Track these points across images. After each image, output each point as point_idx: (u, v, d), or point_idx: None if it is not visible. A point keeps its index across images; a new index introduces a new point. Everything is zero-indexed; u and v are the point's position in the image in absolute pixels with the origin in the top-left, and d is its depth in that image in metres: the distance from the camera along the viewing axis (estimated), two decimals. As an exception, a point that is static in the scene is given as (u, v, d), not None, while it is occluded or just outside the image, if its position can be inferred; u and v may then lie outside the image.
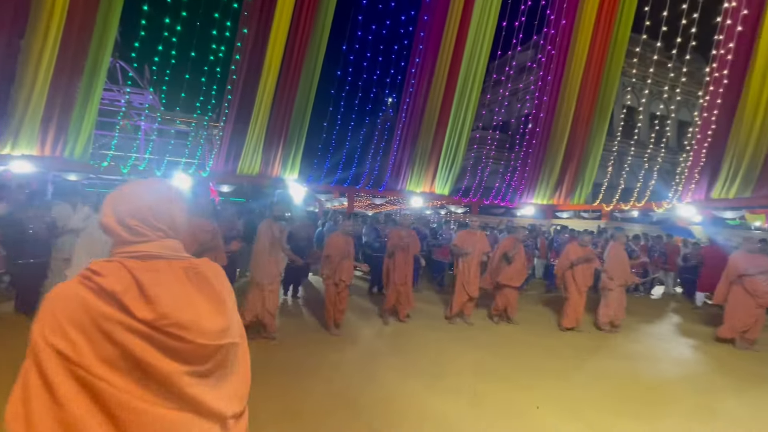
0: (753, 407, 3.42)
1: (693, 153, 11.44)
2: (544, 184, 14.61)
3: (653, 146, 19.09)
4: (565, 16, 12.86)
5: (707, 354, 4.88)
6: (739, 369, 4.35)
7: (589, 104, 13.08)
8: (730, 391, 3.73)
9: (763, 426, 3.09)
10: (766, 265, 5.11)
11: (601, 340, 5.20)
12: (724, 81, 10.17)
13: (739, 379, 4.03)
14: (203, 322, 0.90)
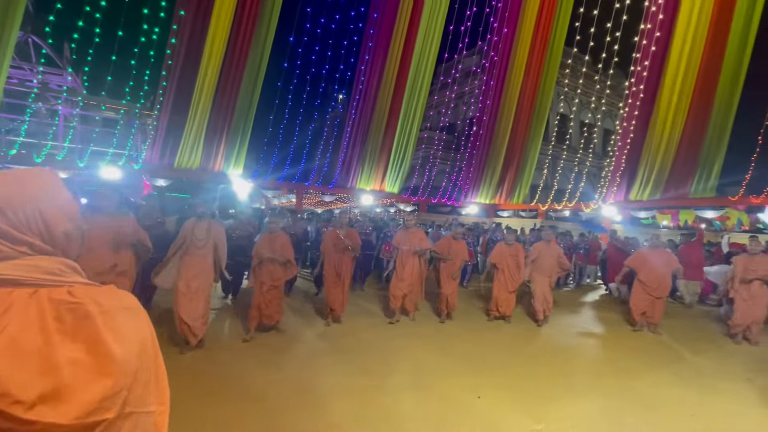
0: (658, 385, 3.87)
1: (615, 159, 12.69)
2: (487, 185, 15.36)
3: (582, 151, 20.89)
4: (507, 24, 13.57)
5: (622, 339, 5.43)
6: (650, 352, 4.90)
7: (527, 110, 13.96)
8: (642, 372, 4.19)
9: (667, 400, 3.51)
10: (667, 261, 5.83)
11: (533, 331, 5.57)
12: (640, 95, 11.38)
13: (648, 361, 4.54)
14: (63, 389, 0.59)
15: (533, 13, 13.01)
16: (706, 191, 10.75)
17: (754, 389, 3.81)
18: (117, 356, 0.64)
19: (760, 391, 3.76)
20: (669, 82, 10.62)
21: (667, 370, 4.25)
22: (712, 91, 10.08)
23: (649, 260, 5.88)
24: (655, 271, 5.75)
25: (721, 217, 12.13)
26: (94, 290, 0.68)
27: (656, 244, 6.17)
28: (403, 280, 5.47)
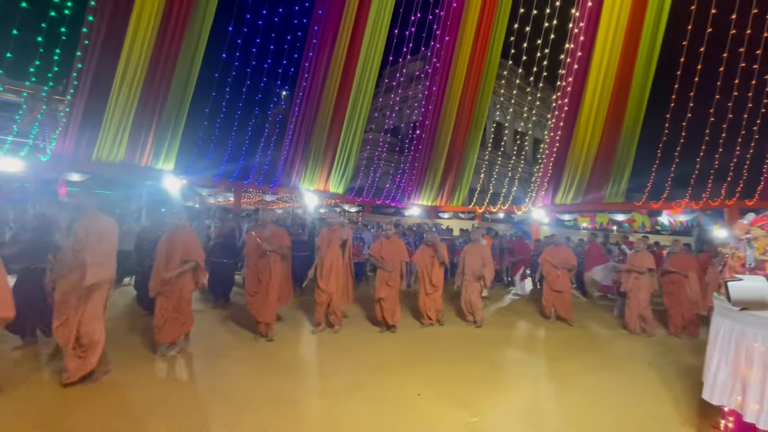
0: (577, 371, 4.28)
1: (543, 166, 13.81)
2: (429, 187, 15.86)
3: (515, 158, 22.43)
4: (448, 33, 14.14)
5: (544, 332, 5.92)
6: (568, 343, 5.40)
7: (466, 117, 14.67)
8: (563, 360, 4.59)
9: (585, 384, 3.88)
10: (565, 258, 6.42)
11: (465, 329, 5.78)
12: (565, 108, 12.50)
13: (568, 351, 5.00)
14: None
15: (473, 24, 13.69)
16: (617, 197, 12.14)
17: (654, 370, 4.37)
18: None
19: (658, 371, 4.32)
20: (588, 99, 11.80)
21: (584, 358, 4.71)
22: (622, 110, 11.40)
23: (549, 257, 6.49)
24: (553, 267, 6.38)
25: (629, 220, 13.70)
26: None
27: (556, 241, 6.72)
28: (321, 279, 4.93)
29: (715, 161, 10.44)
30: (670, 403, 3.53)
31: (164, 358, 3.92)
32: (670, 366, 4.53)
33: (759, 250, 2.67)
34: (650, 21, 10.78)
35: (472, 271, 5.81)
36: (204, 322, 5.20)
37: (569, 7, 11.76)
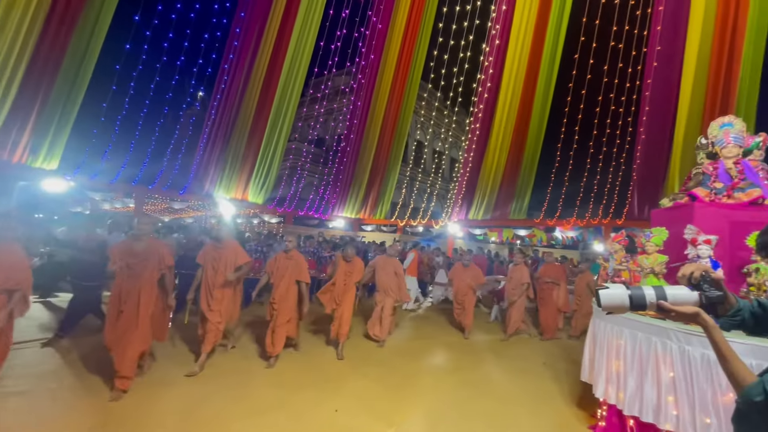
0: (486, 376, 4.62)
1: (458, 184, 14.87)
2: (353, 200, 15.97)
3: (434, 175, 23.78)
4: (373, 51, 14.61)
5: (455, 343, 6.31)
6: (477, 351, 5.81)
7: (389, 133, 15.19)
8: (473, 367, 4.93)
9: (493, 386, 4.21)
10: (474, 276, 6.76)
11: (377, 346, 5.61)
12: (477, 132, 13.70)
13: (478, 358, 5.38)
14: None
15: (396, 46, 14.34)
16: (520, 214, 13.55)
17: (548, 370, 4.91)
18: None
19: (552, 371, 4.87)
20: (496, 126, 13.10)
21: (492, 363, 5.11)
22: (524, 137, 12.86)
23: (456, 273, 6.92)
24: (458, 283, 6.80)
25: (530, 235, 15.36)
26: None
27: (464, 260, 6.97)
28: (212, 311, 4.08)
29: (595, 185, 12.36)
30: (563, 398, 4.00)
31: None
32: (560, 364, 5.14)
33: (617, 261, 3.22)
34: (545, 66, 12.43)
35: (384, 287, 5.60)
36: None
37: (481, 42, 13.05)
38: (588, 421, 3.46)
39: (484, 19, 12.78)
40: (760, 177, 2.80)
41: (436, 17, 14.07)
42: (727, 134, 2.99)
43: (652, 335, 2.77)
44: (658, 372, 2.69)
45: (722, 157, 3.03)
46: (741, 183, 2.87)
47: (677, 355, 2.60)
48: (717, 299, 1.25)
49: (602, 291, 1.35)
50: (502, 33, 12.63)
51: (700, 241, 2.84)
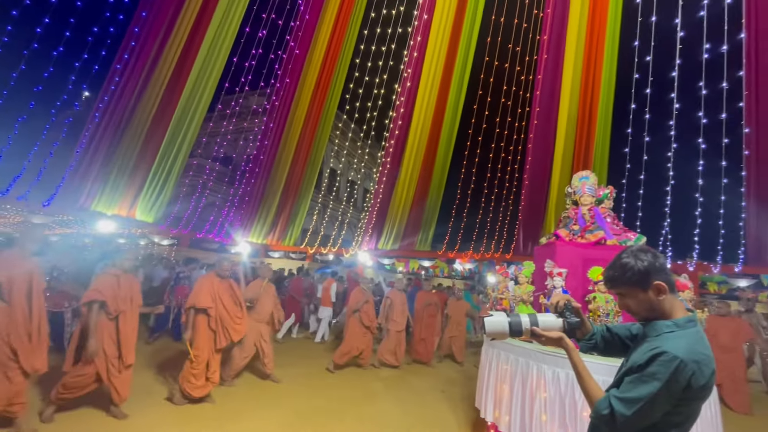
0: (396, 401, 4.59)
1: (369, 213, 15.22)
2: (260, 224, 15.14)
3: (346, 204, 24.03)
4: (290, 75, 14.48)
5: (342, 374, 6.22)
6: (386, 378, 5.79)
7: (303, 158, 14.98)
8: (382, 393, 4.87)
9: (401, 410, 4.18)
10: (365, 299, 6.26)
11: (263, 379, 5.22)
12: (388, 165, 14.35)
13: (388, 384, 5.35)
14: None
15: (314, 73, 14.45)
16: (425, 245, 14.33)
17: (445, 396, 5.09)
18: None
19: (448, 397, 5.05)
20: (406, 160, 13.90)
21: (390, 395, 5.11)
22: (430, 174, 13.84)
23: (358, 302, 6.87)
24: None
25: (433, 266, 16.27)
26: None
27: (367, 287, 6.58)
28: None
29: (488, 222, 13.79)
30: (458, 424, 4.14)
31: None
32: (455, 389, 5.38)
33: (499, 291, 3.60)
34: (449, 112, 13.77)
35: (259, 315, 5.15)
36: None
37: (394, 82, 13.97)
38: (478, 446, 3.63)
39: (397, 62, 13.79)
40: (606, 222, 3.43)
41: (353, 53, 14.71)
42: (584, 185, 3.65)
43: (530, 359, 3.07)
44: (533, 394, 2.97)
45: (580, 204, 3.65)
46: (591, 226, 3.48)
47: (549, 377, 2.92)
48: (576, 325, 1.44)
49: (486, 318, 1.46)
50: (413, 77, 13.72)
51: (554, 273, 3.34)
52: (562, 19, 11.98)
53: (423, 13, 13.41)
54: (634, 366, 1.19)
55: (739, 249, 10.08)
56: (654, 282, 1.24)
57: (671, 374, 1.10)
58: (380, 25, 13.53)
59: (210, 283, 4.11)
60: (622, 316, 3.09)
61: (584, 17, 11.54)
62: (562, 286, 3.32)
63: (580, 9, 11.56)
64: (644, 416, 1.14)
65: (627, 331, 1.45)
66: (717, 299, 15.96)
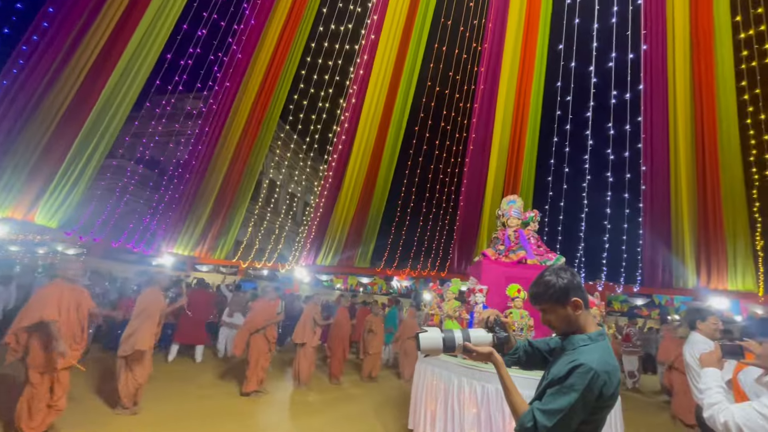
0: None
1: (309, 228, 14.88)
2: (188, 234, 14.00)
3: (285, 216, 23.27)
4: (230, 79, 13.85)
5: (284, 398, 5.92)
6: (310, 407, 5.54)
7: (240, 167, 14.25)
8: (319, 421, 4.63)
9: None
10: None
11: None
12: (330, 180, 14.24)
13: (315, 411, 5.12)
14: None
15: (257, 80, 13.99)
16: (365, 262, 14.31)
17: (378, 417, 4.98)
18: None
19: (381, 418, 4.95)
20: (348, 176, 13.92)
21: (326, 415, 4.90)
22: (371, 193, 13.99)
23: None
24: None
25: (372, 283, 16.25)
26: None
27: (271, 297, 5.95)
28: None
29: (425, 242, 14.23)
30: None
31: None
32: (388, 410, 5.30)
33: (431, 308, 3.71)
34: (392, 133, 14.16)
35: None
36: None
37: (339, 97, 14.06)
38: (409, 465, 3.59)
39: (343, 78, 13.93)
40: (530, 243, 3.71)
41: (299, 64, 14.57)
42: (511, 209, 3.92)
43: (461, 376, 3.14)
44: (464, 409, 3.03)
45: (508, 227, 3.91)
46: (515, 246, 3.75)
47: (479, 392, 3.00)
48: (505, 339, 1.49)
49: (421, 335, 1.45)
50: (358, 94, 13.93)
51: (476, 290, 3.56)
52: (498, 56, 13.08)
53: (370, 33, 13.79)
54: (554, 379, 1.26)
55: (637, 272, 11.50)
56: (572, 299, 1.33)
57: (587, 385, 1.17)
58: (328, 39, 13.63)
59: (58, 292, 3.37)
60: (535, 331, 3.31)
61: (516, 56, 12.72)
62: (483, 302, 3.50)
63: (513, 47, 12.73)
64: (564, 426, 1.19)
65: (546, 345, 1.53)
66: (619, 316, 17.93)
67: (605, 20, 11.59)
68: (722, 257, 10.51)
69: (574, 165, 12.26)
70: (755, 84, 10.99)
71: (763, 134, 11.12)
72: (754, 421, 1.46)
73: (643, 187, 11.42)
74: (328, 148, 14.53)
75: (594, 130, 11.74)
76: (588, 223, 12.07)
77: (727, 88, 10.89)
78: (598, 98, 11.61)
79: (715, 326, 2.90)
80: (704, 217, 10.73)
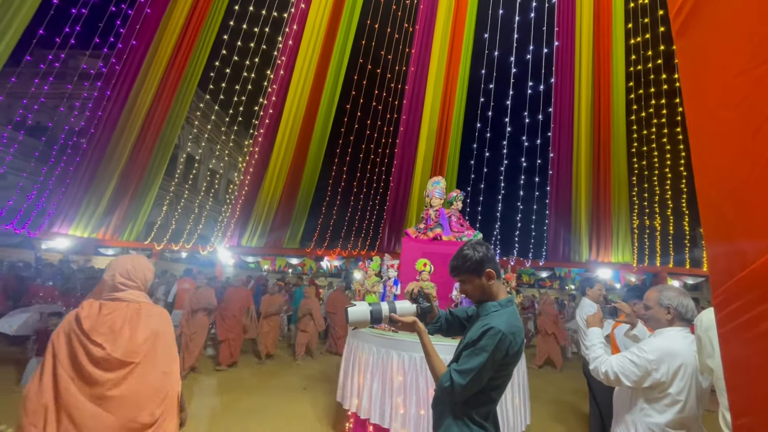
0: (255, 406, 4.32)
1: (232, 207, 14.01)
2: (87, 214, 12.28)
3: (204, 195, 21.62)
4: (137, 37, 12.08)
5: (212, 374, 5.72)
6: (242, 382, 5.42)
7: (152, 139, 12.71)
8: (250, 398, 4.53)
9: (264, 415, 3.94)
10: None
11: None
12: (256, 156, 13.50)
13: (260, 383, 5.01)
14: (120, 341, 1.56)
15: (170, 40, 12.38)
16: (294, 243, 13.98)
17: (307, 393, 5.06)
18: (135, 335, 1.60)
19: (311, 394, 5.04)
20: (276, 153, 13.28)
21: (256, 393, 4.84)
22: (301, 168, 13.55)
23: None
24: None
25: (301, 263, 16.01)
26: (148, 305, 1.71)
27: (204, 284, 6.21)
28: None
29: (356, 221, 14.33)
30: (318, 420, 4.16)
31: None
32: (318, 386, 5.41)
33: (358, 285, 3.86)
34: (323, 108, 13.73)
35: None
36: None
37: (266, 67, 13.17)
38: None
39: (270, 48, 13.06)
40: (452, 221, 3.98)
41: (220, 29, 13.27)
42: (434, 189, 4.14)
43: (390, 348, 3.31)
44: (392, 378, 3.21)
45: (431, 206, 4.13)
46: (433, 225, 4.01)
47: (406, 361, 3.19)
48: (427, 309, 1.61)
49: (349, 308, 1.50)
50: (287, 66, 13.20)
51: (388, 266, 3.93)
52: (428, 38, 13.31)
53: (300, 2, 13.06)
54: (469, 342, 1.40)
55: (542, 248, 12.95)
56: (486, 269, 1.48)
57: (495, 345, 1.33)
58: (253, 4, 12.58)
59: None
60: (438, 300, 3.66)
61: (446, 41, 13.07)
62: (395, 276, 3.83)
63: (443, 32, 13.05)
64: (476, 383, 1.35)
65: (464, 313, 1.69)
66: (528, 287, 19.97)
67: (526, 13, 12.43)
68: (609, 234, 12.32)
69: (494, 150, 13.21)
70: (640, 85, 12.80)
71: (643, 129, 13.10)
72: (626, 368, 1.79)
73: (550, 172, 12.75)
74: (253, 122, 13.65)
75: (512, 118, 12.71)
76: (504, 203, 13.20)
77: (618, 88, 12.51)
78: (517, 87, 12.53)
79: (600, 292, 3.44)
80: (597, 200, 12.39)
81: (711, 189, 0.90)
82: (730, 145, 0.83)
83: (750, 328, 0.77)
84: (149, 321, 1.64)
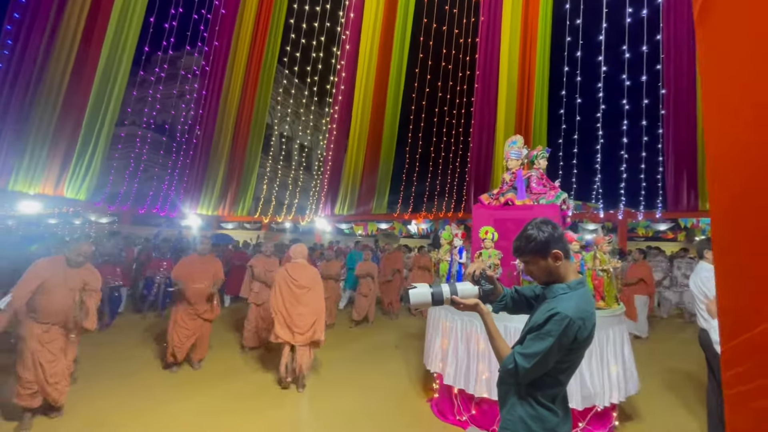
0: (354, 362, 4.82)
1: (323, 180, 15.00)
2: (208, 196, 14.45)
3: (298, 170, 23.41)
4: (218, 38, 13.32)
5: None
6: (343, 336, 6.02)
7: (246, 124, 14.19)
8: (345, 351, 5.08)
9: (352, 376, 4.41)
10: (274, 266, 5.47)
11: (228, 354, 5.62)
12: (335, 132, 14.07)
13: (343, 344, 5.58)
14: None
15: (247, 32, 13.37)
16: (381, 209, 14.50)
17: (400, 352, 5.40)
18: (307, 275, 4.22)
19: (403, 353, 5.36)
20: (353, 126, 13.67)
21: (351, 349, 5.35)
22: (379, 139, 13.72)
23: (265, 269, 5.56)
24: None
25: (390, 228, 16.59)
26: (308, 265, 4.34)
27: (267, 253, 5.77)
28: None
29: (437, 184, 14.17)
30: (409, 377, 4.46)
31: None
32: (412, 343, 5.73)
33: (443, 250, 3.85)
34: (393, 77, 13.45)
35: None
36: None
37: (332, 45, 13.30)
38: (427, 395, 3.96)
39: (333, 24, 13.07)
40: (531, 182, 3.66)
41: (287, 13, 13.77)
42: (510, 150, 3.80)
43: (472, 316, 3.33)
44: (476, 343, 3.25)
45: (508, 168, 3.83)
46: (506, 189, 3.72)
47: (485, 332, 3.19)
48: (489, 291, 1.58)
49: (411, 291, 1.55)
50: (351, 39, 13.15)
51: (456, 234, 3.82)
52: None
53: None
54: (534, 325, 1.36)
55: (657, 198, 11.20)
56: (553, 250, 1.38)
57: (562, 331, 1.27)
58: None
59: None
60: (502, 268, 3.43)
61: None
62: (460, 245, 3.76)
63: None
64: (540, 367, 1.31)
65: (532, 291, 1.62)
66: (643, 241, 17.72)
67: None
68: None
69: (587, 95, 11.48)
70: None
71: None
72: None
73: (663, 112, 10.69)
74: (327, 99, 14.14)
75: (607, 55, 10.76)
76: (603, 153, 11.61)
77: None
78: (610, 19, 10.45)
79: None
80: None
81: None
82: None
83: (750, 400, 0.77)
84: (311, 271, 4.15)
